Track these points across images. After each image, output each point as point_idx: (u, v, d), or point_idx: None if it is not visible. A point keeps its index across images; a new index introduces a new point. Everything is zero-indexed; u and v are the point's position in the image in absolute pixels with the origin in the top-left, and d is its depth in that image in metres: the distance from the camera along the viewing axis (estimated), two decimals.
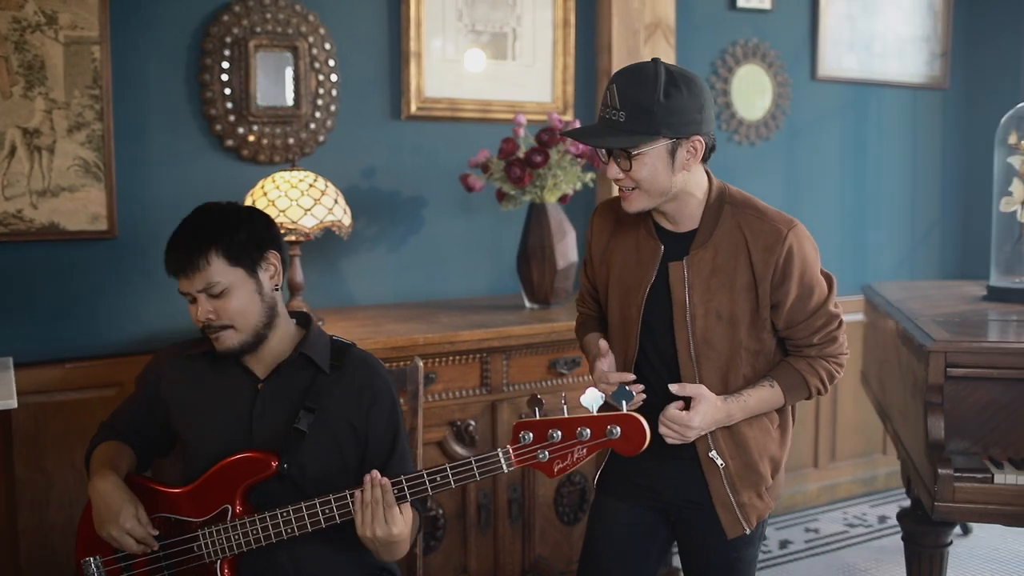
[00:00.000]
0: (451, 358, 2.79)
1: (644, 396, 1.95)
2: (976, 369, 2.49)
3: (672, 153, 1.88)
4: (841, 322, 2.04)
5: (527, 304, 3.24)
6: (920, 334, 2.62)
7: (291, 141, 3.17)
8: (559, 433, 1.72)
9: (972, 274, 4.55)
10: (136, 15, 2.94)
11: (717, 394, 1.95)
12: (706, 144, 1.92)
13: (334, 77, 3.22)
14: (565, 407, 1.77)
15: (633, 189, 1.91)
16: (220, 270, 1.91)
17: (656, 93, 1.82)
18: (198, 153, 3.08)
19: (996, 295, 3.35)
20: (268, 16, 3.09)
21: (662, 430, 1.90)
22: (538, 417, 1.75)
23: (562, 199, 3.21)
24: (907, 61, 4.51)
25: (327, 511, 1.86)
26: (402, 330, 2.79)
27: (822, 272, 2.03)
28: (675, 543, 2.22)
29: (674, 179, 1.90)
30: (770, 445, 2.07)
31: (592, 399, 1.71)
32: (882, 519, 4.21)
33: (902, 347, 2.89)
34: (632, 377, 1.95)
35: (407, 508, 1.85)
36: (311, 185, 2.79)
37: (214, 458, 1.97)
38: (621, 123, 1.84)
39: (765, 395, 1.99)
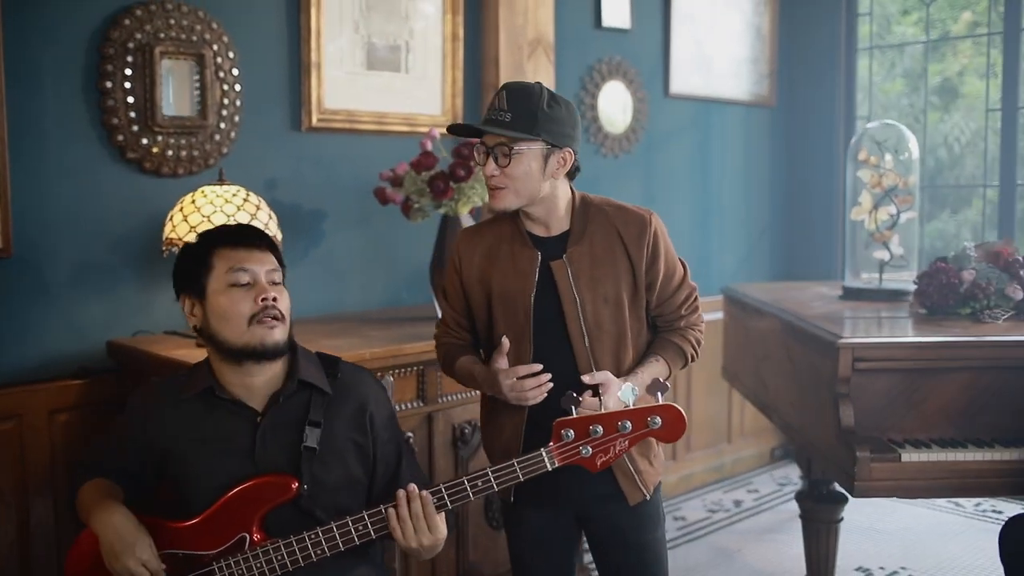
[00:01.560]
0: (392, 372, 2.80)
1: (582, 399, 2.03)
2: (877, 362, 2.80)
3: (546, 159, 2.06)
4: (697, 294, 2.28)
5: (440, 314, 3.27)
6: (825, 333, 2.90)
7: (195, 153, 3.05)
8: (600, 428, 1.79)
9: (798, 275, 5.00)
10: (30, 18, 2.73)
11: (613, 374, 2.10)
12: (574, 159, 2.11)
13: (238, 87, 3.13)
14: (601, 404, 1.85)
15: (503, 188, 2.06)
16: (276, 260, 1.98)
17: (541, 102, 2.03)
18: (98, 165, 2.90)
19: (850, 295, 3.74)
20: (172, 22, 2.96)
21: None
22: (575, 415, 1.82)
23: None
24: (741, 80, 4.90)
25: (361, 528, 1.85)
26: (343, 345, 2.76)
27: None
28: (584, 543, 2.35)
29: (543, 184, 2.08)
30: None
31: (628, 393, 1.80)
32: (737, 503, 4.56)
33: (794, 344, 3.18)
34: (539, 367, 2.06)
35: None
36: (245, 199, 2.71)
37: (215, 494, 1.90)
38: (507, 122, 2.02)
39: (655, 369, 2.17)
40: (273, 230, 2.74)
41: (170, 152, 2.99)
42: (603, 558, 2.26)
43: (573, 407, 1.82)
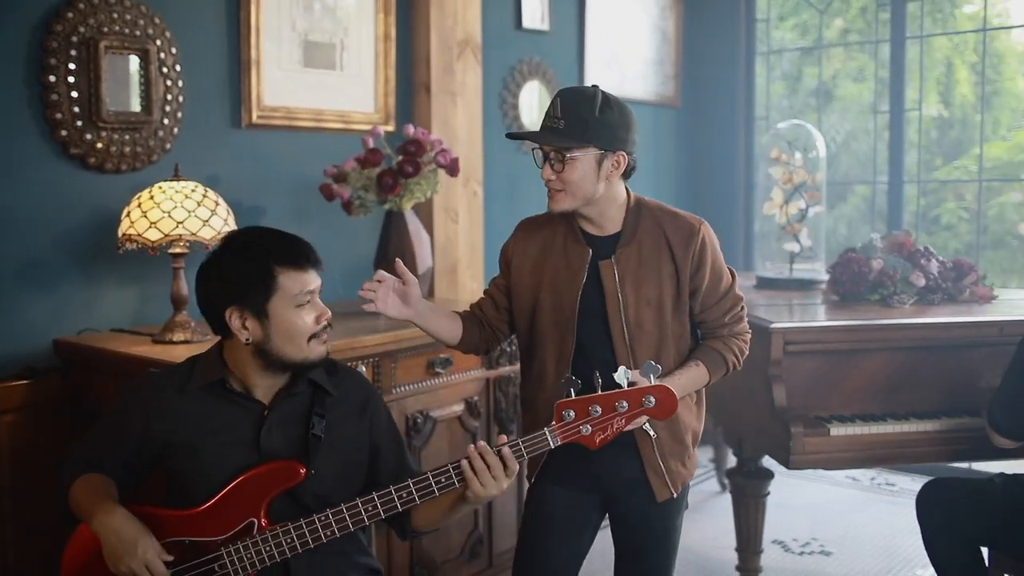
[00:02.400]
0: (350, 363, 2.85)
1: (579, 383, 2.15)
2: (804, 345, 3.02)
3: (599, 163, 2.14)
4: (744, 304, 2.39)
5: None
6: (757, 319, 3.10)
7: (139, 149, 3.02)
8: (599, 408, 1.90)
9: None
10: None
11: None
12: (628, 161, 2.20)
13: (181, 83, 3.12)
14: (599, 385, 1.96)
15: (560, 191, 2.16)
16: None
17: (593, 109, 2.09)
18: (39, 161, 2.85)
19: (764, 284, 3.99)
20: (115, 16, 2.93)
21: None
22: (574, 396, 1.93)
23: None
24: (648, 81, 5.12)
25: (370, 508, 1.90)
26: None
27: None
28: (604, 524, 2.47)
29: (598, 186, 2.17)
30: (691, 419, 2.39)
31: (623, 375, 1.93)
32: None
33: None
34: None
35: None
36: (204, 195, 2.72)
37: (219, 484, 1.94)
38: (560, 129, 2.09)
39: (694, 374, 2.28)
40: (232, 225, 2.76)
41: (114, 148, 2.96)
42: (625, 538, 2.36)
43: (572, 389, 1.93)
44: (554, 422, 1.93)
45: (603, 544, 2.47)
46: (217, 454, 1.96)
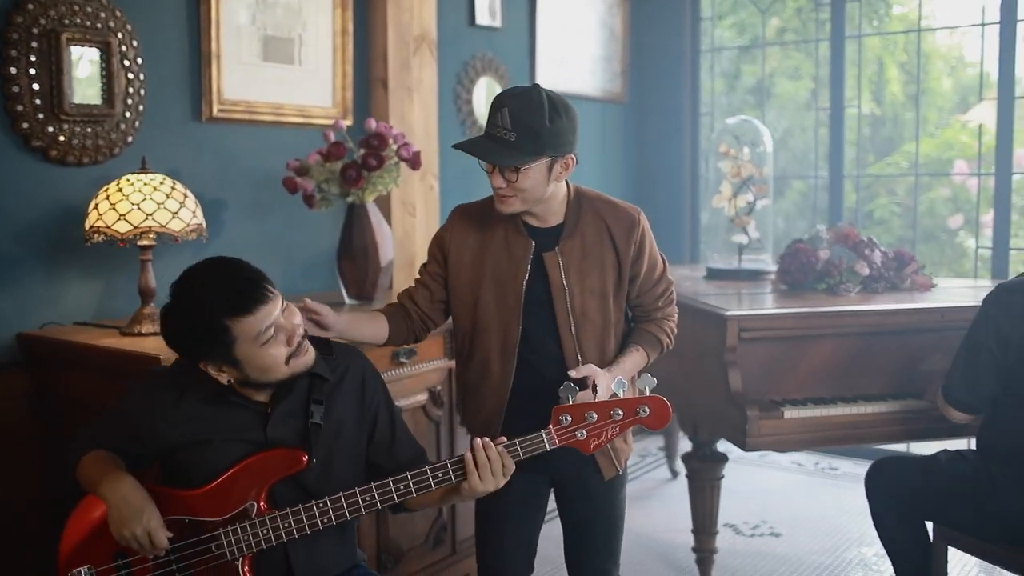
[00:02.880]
0: None
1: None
2: (758, 331, 3.13)
3: (550, 168, 2.19)
4: (674, 287, 2.47)
5: (347, 300, 3.37)
6: (712, 307, 3.21)
7: (101, 142, 3.01)
8: (595, 415, 1.97)
9: None
10: None
11: (598, 363, 2.29)
12: (576, 160, 2.25)
13: (142, 76, 3.11)
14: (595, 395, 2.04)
15: (511, 196, 2.19)
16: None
17: (543, 118, 2.10)
18: (0, 153, 2.83)
19: (714, 275, 4.11)
20: (76, 8, 2.91)
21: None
22: (572, 402, 2.00)
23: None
24: (596, 77, 5.21)
25: (368, 499, 1.95)
26: None
27: None
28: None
29: (548, 188, 2.23)
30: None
31: (619, 386, 2.01)
32: None
33: (679, 320, 3.47)
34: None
35: None
36: (173, 188, 2.73)
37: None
38: (512, 142, 2.10)
39: (636, 359, 2.37)
40: (200, 218, 2.77)
41: (76, 141, 2.95)
42: (575, 517, 2.44)
43: (570, 396, 2.00)
44: (551, 425, 1.99)
45: (556, 530, 2.56)
46: (225, 451, 2.00)
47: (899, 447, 4.61)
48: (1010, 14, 4.47)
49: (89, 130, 2.98)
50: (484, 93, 4.48)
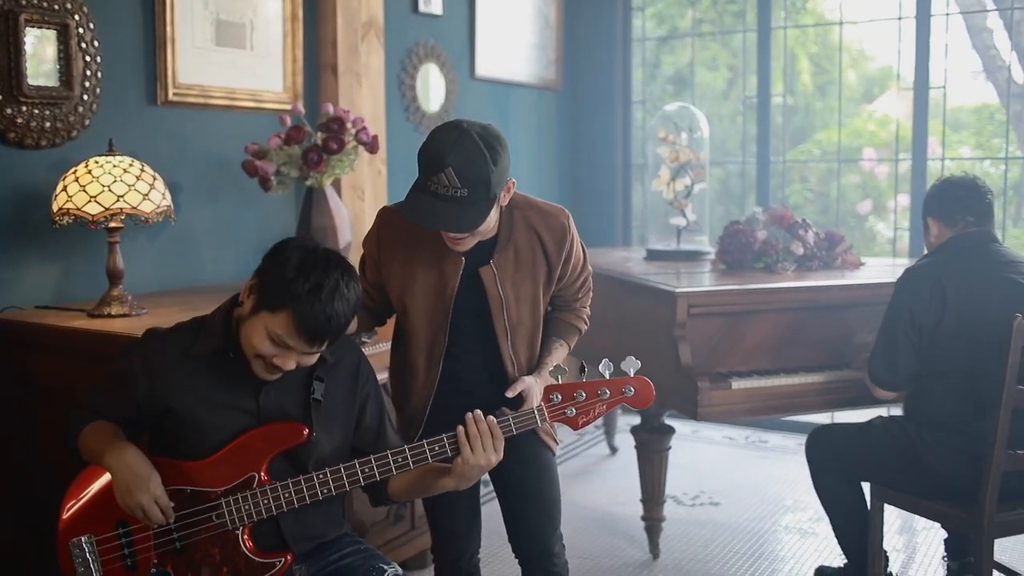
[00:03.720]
0: None
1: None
2: (706, 307, 3.30)
3: (500, 202, 2.21)
4: (590, 272, 2.53)
5: None
6: (661, 285, 3.36)
7: (59, 124, 3.00)
8: (584, 394, 2.08)
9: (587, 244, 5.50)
10: None
11: (528, 361, 2.38)
12: (514, 181, 2.24)
13: (99, 59, 3.10)
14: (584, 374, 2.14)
15: (467, 238, 2.20)
16: None
17: (488, 165, 2.08)
18: None
19: (654, 256, 4.28)
20: None
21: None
22: (560, 382, 2.11)
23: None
24: (532, 65, 5.32)
25: (367, 470, 2.02)
26: None
27: None
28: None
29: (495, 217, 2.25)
30: None
31: (604, 366, 2.12)
32: None
33: (625, 299, 3.63)
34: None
35: None
36: (142, 170, 2.74)
37: (221, 441, 2.03)
38: (465, 197, 2.07)
39: (560, 354, 2.46)
40: (168, 200, 2.79)
41: (35, 123, 2.93)
42: (516, 482, 2.46)
43: (559, 376, 2.12)
44: (542, 403, 2.09)
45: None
46: (216, 417, 2.04)
47: (824, 419, 4.88)
48: (924, 10, 4.74)
49: (48, 112, 2.96)
50: (427, 79, 4.55)
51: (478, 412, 2.04)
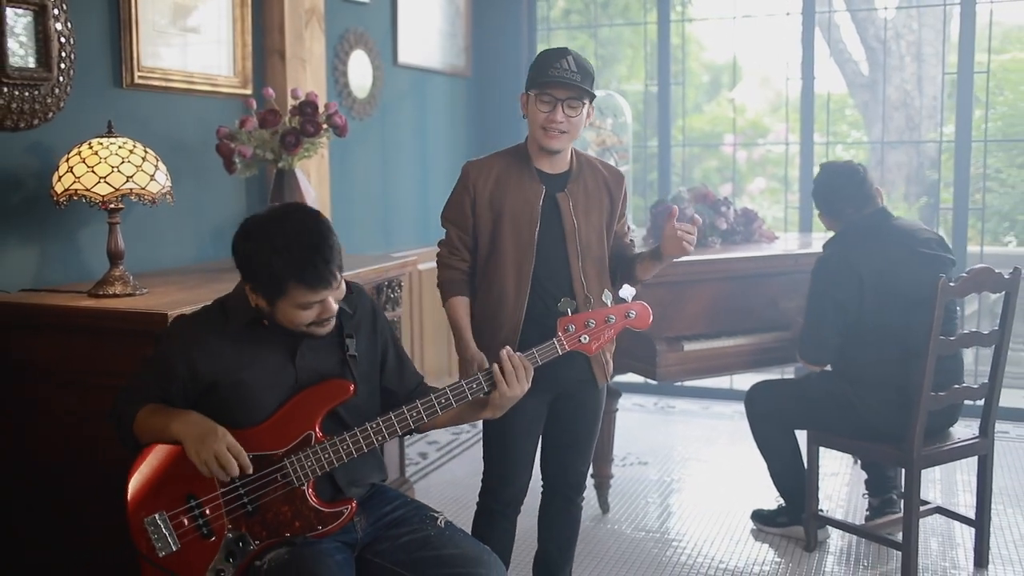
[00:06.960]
0: None
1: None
2: (655, 277, 3.58)
3: (588, 112, 2.62)
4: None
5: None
6: None
7: (37, 106, 2.98)
8: (593, 322, 2.31)
9: None
10: None
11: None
12: None
13: (72, 40, 3.09)
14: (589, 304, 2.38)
15: (565, 132, 2.57)
16: None
17: (591, 65, 2.58)
18: None
19: None
20: None
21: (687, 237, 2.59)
22: (571, 314, 2.33)
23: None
24: (445, 53, 5.50)
25: (415, 414, 2.17)
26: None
27: None
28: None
29: (581, 132, 2.67)
30: None
31: (605, 297, 2.36)
32: (473, 425, 5.21)
33: None
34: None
35: None
36: (146, 151, 2.79)
37: (267, 406, 2.15)
38: (579, 82, 2.52)
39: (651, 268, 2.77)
40: (169, 182, 2.84)
41: (15, 105, 2.90)
42: (565, 426, 2.78)
43: (569, 308, 2.33)
44: (560, 334, 2.31)
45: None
46: (259, 384, 2.16)
47: (725, 383, 5.30)
48: (809, 6, 5.23)
49: (27, 94, 2.94)
50: (357, 66, 4.67)
51: (508, 349, 2.26)
